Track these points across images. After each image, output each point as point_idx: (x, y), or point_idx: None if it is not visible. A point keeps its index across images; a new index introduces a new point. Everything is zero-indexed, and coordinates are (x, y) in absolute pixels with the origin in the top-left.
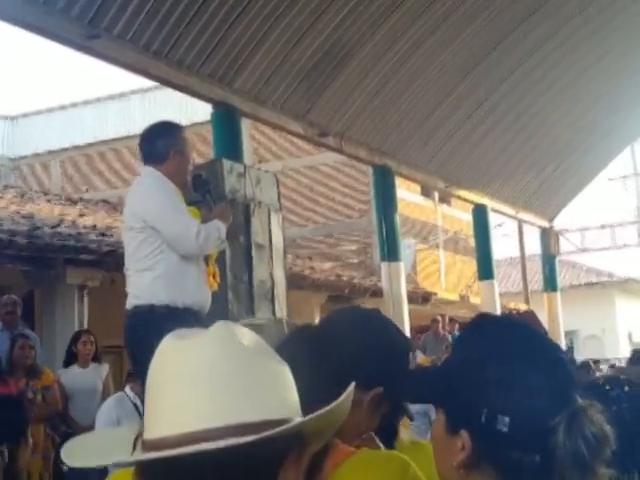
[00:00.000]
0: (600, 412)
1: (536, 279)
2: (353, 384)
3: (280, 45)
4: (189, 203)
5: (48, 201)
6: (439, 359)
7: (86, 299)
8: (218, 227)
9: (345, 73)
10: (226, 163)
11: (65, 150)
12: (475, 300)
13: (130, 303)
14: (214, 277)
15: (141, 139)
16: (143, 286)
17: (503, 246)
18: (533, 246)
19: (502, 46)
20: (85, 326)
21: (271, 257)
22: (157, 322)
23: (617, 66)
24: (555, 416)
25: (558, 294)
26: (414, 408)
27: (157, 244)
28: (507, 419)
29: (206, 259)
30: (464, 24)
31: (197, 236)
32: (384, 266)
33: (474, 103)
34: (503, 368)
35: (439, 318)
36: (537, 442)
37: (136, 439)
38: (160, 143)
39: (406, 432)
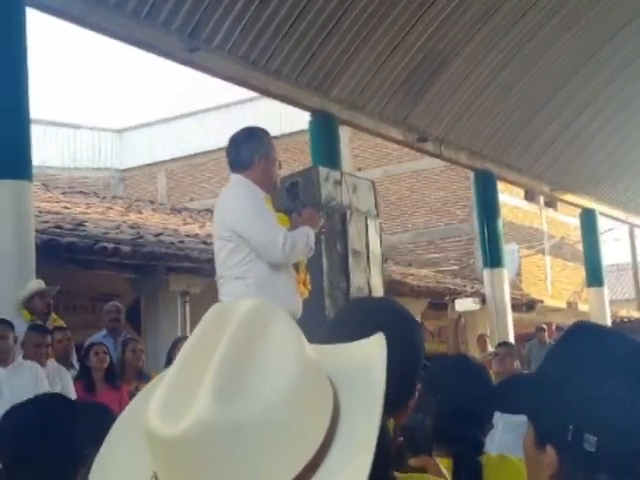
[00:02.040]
0: None
1: None
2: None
3: (376, 53)
4: (281, 210)
5: (154, 210)
6: None
7: (188, 305)
8: (306, 234)
9: (443, 79)
10: (322, 170)
11: (169, 161)
12: (584, 308)
13: None
14: (305, 284)
15: (227, 146)
16: (236, 294)
17: (614, 251)
18: None
19: (607, 47)
20: (188, 332)
21: (368, 264)
22: None
23: None
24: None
25: None
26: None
27: (246, 252)
28: (594, 438)
29: (296, 266)
30: (565, 28)
31: (283, 245)
32: (486, 272)
33: (580, 105)
34: (594, 382)
35: (544, 326)
36: (626, 466)
37: None
38: (244, 149)
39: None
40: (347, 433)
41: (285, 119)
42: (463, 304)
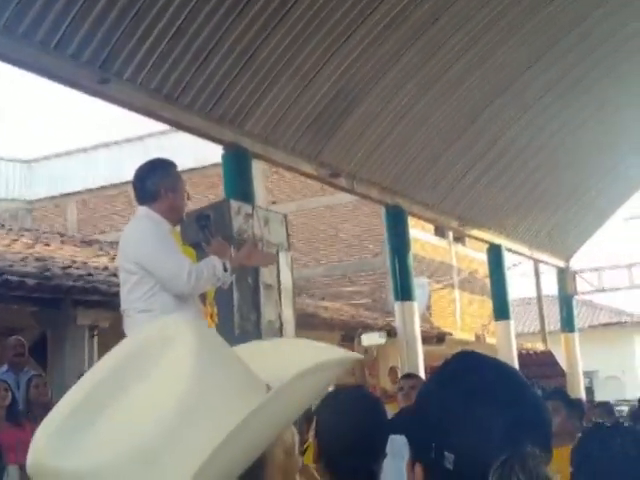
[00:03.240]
0: (542, 463)
1: (554, 319)
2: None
3: (290, 88)
4: (191, 243)
5: (62, 242)
6: None
7: (96, 339)
8: (213, 264)
9: (355, 115)
10: (234, 204)
11: (80, 193)
12: (491, 340)
13: None
14: (212, 317)
15: (133, 179)
16: (140, 327)
17: (520, 286)
18: (550, 286)
19: (513, 88)
20: None
21: (280, 297)
22: None
23: (632, 108)
24: (494, 458)
25: (576, 334)
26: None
27: (151, 284)
28: (452, 456)
29: (203, 298)
30: (473, 67)
31: (188, 276)
32: (397, 306)
33: (486, 143)
34: (456, 403)
35: None
36: None
37: None
38: (150, 181)
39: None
40: None
41: (199, 152)
42: (370, 338)
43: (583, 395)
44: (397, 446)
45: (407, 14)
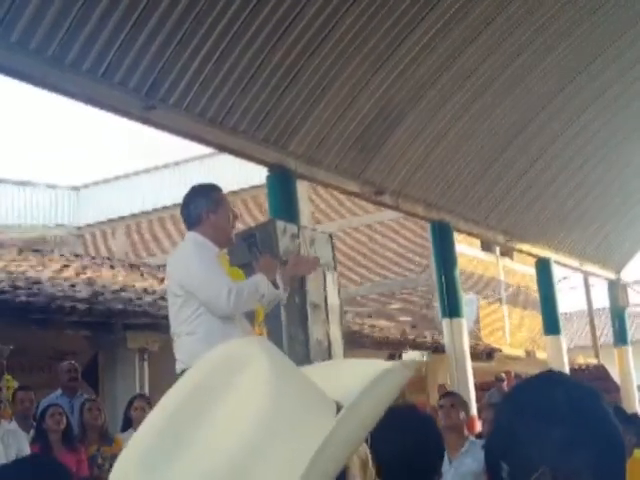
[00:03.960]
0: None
1: (606, 332)
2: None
3: (332, 108)
4: (241, 263)
5: (111, 267)
6: None
7: (146, 363)
8: (255, 282)
9: (399, 132)
10: (280, 224)
11: (127, 218)
12: (542, 355)
13: (178, 368)
14: None
15: (181, 205)
16: (186, 350)
17: (571, 299)
18: (602, 298)
19: (555, 102)
20: (146, 389)
21: (327, 316)
22: None
23: None
24: (534, 471)
25: (629, 347)
26: (459, 470)
27: (195, 307)
28: (507, 468)
29: (251, 319)
30: (515, 82)
31: (228, 295)
32: (445, 322)
33: (532, 156)
34: (512, 417)
35: (504, 376)
36: None
37: None
38: (192, 206)
39: None
40: None
41: (242, 174)
42: (410, 357)
43: (638, 409)
44: (459, 472)
45: (447, 32)
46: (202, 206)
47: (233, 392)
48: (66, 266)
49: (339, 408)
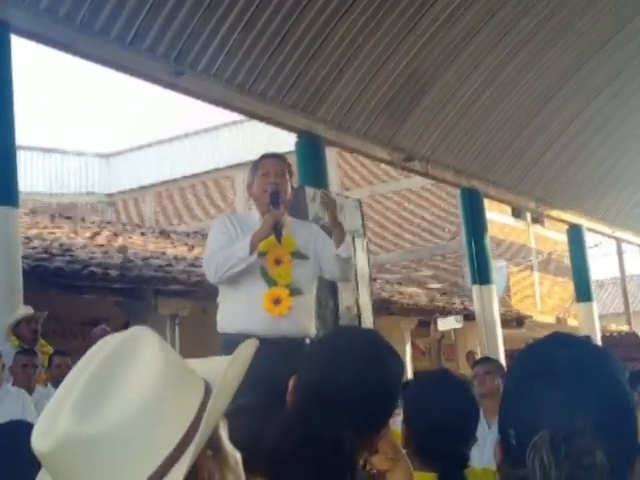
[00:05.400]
0: (584, 442)
1: (639, 299)
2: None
3: (361, 74)
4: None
5: (142, 234)
6: None
7: (177, 328)
8: (242, 246)
9: (428, 97)
10: (309, 191)
11: (157, 185)
12: (573, 323)
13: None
14: (282, 301)
15: None
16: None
17: (603, 266)
18: (635, 265)
19: (591, 62)
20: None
21: (356, 283)
22: (228, 350)
23: None
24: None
25: None
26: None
27: None
28: (513, 432)
29: (272, 281)
30: (546, 47)
31: (208, 264)
32: (475, 289)
33: (565, 121)
34: (517, 382)
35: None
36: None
37: None
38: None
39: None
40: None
41: (272, 141)
42: (446, 323)
43: None
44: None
45: None
46: (247, 183)
47: (134, 360)
48: (98, 233)
49: (207, 384)
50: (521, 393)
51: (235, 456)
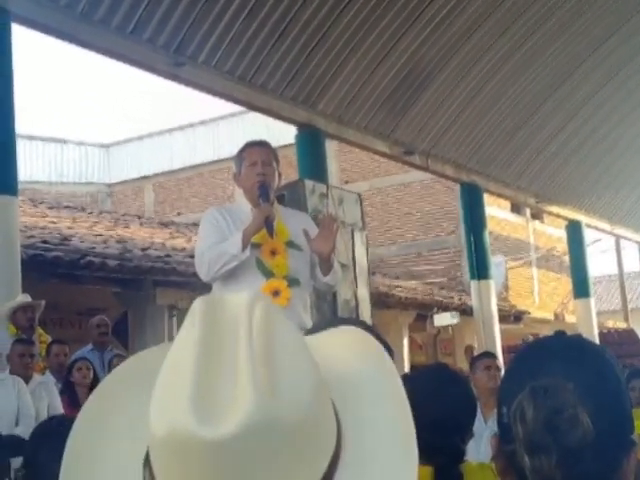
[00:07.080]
0: (561, 392)
1: (637, 296)
2: None
3: (362, 68)
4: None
5: (141, 225)
6: None
7: (175, 319)
8: (234, 242)
9: (427, 93)
10: (308, 183)
11: (157, 175)
12: (571, 319)
13: None
14: (280, 293)
15: None
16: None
17: (601, 263)
18: (633, 262)
19: (592, 58)
20: None
21: (355, 276)
22: None
23: None
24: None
25: None
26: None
27: None
28: (505, 409)
29: (269, 273)
30: (548, 42)
31: (199, 261)
32: (474, 284)
33: (565, 117)
34: (511, 368)
35: (531, 338)
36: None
37: None
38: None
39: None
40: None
41: (272, 133)
42: (442, 318)
43: None
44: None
45: None
46: (234, 169)
47: (282, 341)
48: (97, 223)
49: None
50: (515, 374)
51: None
